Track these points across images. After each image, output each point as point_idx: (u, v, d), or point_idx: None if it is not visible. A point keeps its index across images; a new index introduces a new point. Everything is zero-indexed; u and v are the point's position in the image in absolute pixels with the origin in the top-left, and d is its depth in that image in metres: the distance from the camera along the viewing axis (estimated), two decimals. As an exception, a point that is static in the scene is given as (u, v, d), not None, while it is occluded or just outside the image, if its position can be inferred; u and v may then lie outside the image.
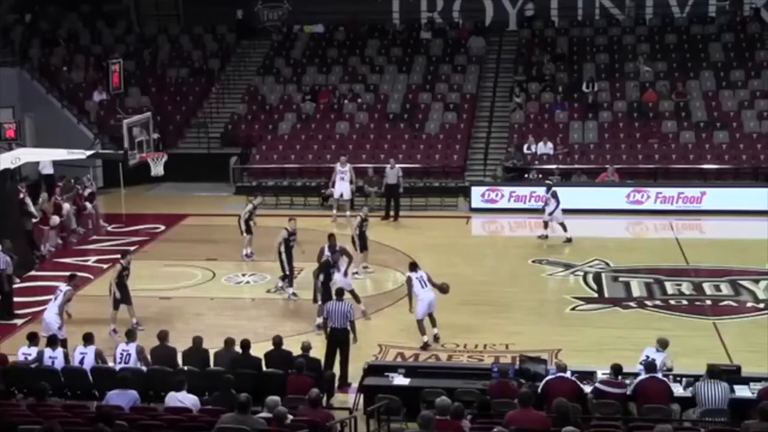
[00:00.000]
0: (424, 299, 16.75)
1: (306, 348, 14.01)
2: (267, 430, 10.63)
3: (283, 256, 19.30)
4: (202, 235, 25.01)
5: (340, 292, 15.71)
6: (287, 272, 19.47)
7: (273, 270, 20.44)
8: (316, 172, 29.56)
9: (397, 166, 27.04)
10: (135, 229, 25.85)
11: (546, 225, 24.07)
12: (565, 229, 23.84)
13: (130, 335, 14.39)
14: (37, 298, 19.86)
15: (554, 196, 23.98)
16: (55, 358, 14.07)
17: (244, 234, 22.07)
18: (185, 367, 13.67)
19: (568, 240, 23.74)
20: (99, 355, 14.17)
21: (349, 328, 15.21)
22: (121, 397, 12.06)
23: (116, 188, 30.63)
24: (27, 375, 13.78)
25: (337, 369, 14.96)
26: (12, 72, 32.66)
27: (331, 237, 18.56)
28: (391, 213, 26.85)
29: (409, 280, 16.92)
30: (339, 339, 15.14)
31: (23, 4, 36.32)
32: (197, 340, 14.40)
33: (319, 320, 16.90)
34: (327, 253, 17.98)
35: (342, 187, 26.73)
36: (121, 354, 14.14)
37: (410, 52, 34.77)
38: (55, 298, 16.51)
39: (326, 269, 17.46)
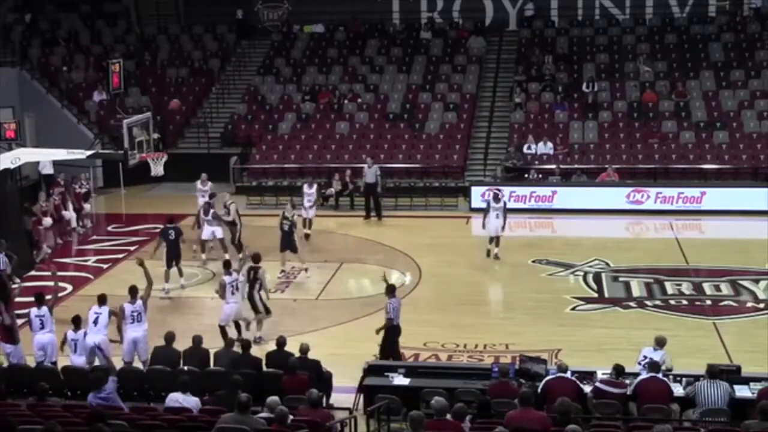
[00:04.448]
0: (230, 306, 16.71)
1: (304, 350, 13.98)
2: (267, 430, 10.62)
3: None
4: (202, 235, 24.98)
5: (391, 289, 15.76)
6: None
7: (270, 269, 20.49)
8: (316, 172, 29.57)
9: (375, 165, 27.00)
10: (135, 229, 25.84)
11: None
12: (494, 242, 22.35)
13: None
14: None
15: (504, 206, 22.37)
16: (76, 340, 14.43)
17: None
18: (185, 367, 13.66)
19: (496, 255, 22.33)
20: (113, 313, 14.88)
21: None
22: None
23: (116, 188, 30.71)
24: (27, 375, 13.77)
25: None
26: (12, 72, 32.69)
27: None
28: (373, 213, 26.84)
29: (222, 282, 16.85)
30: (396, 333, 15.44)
31: (23, 4, 36.33)
32: (197, 340, 14.38)
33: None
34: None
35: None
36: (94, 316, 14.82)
37: (410, 52, 34.75)
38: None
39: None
